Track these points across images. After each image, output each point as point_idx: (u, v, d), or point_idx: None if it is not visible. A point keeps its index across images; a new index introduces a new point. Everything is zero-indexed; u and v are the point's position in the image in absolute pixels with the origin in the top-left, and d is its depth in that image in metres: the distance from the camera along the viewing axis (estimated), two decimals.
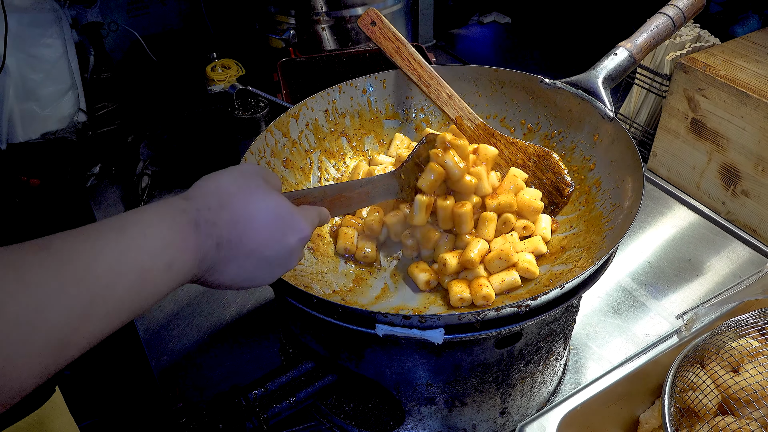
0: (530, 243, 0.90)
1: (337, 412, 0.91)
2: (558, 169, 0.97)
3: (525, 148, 1.00)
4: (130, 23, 1.80)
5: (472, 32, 2.24)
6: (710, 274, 1.23)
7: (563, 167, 0.97)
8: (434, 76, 1.05)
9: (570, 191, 0.95)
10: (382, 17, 1.07)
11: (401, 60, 1.06)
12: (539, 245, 0.89)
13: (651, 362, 0.86)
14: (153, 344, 1.10)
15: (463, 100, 1.05)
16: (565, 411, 0.79)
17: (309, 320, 0.81)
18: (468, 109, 1.05)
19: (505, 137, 1.02)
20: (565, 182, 0.96)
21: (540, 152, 0.99)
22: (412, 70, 1.06)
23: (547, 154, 0.98)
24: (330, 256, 0.97)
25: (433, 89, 1.05)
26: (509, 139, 1.02)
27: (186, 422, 0.77)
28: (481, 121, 1.04)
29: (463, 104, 1.05)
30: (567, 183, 0.96)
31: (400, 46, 1.06)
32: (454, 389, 0.82)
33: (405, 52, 1.06)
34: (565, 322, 0.87)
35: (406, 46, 1.06)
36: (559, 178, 0.96)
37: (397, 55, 1.06)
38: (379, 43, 1.07)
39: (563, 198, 0.96)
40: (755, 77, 1.23)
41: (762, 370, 0.78)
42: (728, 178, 1.30)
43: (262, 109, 1.33)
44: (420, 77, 1.05)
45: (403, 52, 1.06)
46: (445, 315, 0.68)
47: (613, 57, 0.99)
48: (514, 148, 1.01)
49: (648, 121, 1.53)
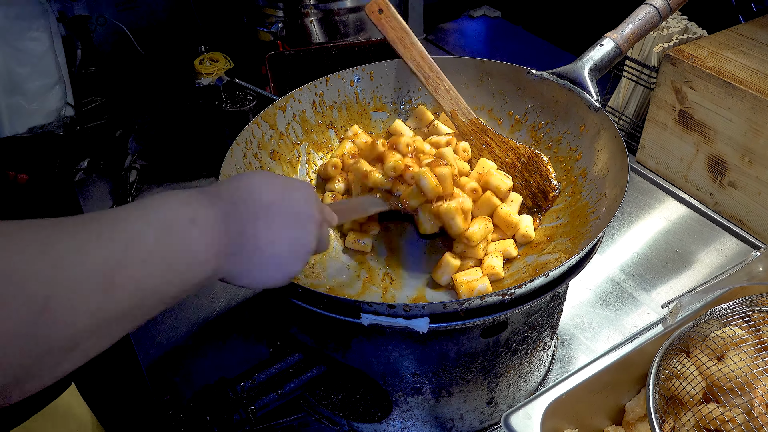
0: (501, 244, 0.91)
1: (325, 404, 0.91)
2: (546, 173, 0.98)
3: (516, 148, 1.01)
4: (118, 17, 1.79)
5: (462, 26, 2.24)
6: (698, 266, 1.24)
7: (551, 171, 0.98)
8: (434, 68, 1.06)
9: (555, 195, 0.96)
10: (389, 5, 1.07)
11: (404, 49, 1.06)
12: (509, 248, 0.90)
13: (636, 351, 0.86)
14: (141, 337, 1.10)
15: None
16: (551, 399, 0.79)
17: (295, 311, 0.81)
18: (464, 103, 1.05)
19: (498, 135, 1.02)
20: (551, 186, 0.96)
21: (530, 154, 0.99)
22: (413, 60, 1.06)
23: (536, 156, 0.99)
24: None
25: (432, 81, 1.05)
26: (501, 138, 1.02)
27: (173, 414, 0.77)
28: (475, 117, 1.04)
29: (459, 98, 1.05)
30: (553, 187, 0.96)
31: (403, 35, 1.06)
32: (440, 379, 0.82)
33: (408, 42, 1.06)
34: (552, 311, 0.87)
35: (409, 35, 1.06)
36: (546, 182, 0.97)
37: (400, 44, 1.06)
38: (383, 30, 1.07)
39: (547, 201, 0.96)
40: (742, 69, 1.24)
41: (746, 357, 0.78)
42: (715, 169, 1.31)
43: (250, 102, 1.32)
44: (420, 68, 1.06)
45: (406, 42, 1.06)
46: (429, 304, 0.68)
47: (599, 48, 0.99)
48: (505, 147, 1.01)
49: (636, 113, 1.53)
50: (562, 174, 0.99)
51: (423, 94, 1.13)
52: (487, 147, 1.03)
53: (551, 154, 1.02)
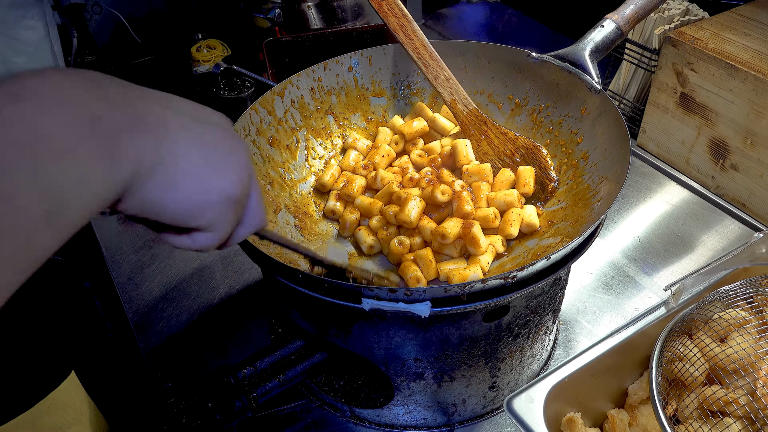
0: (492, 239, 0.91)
1: (327, 390, 0.91)
2: (545, 165, 0.97)
3: (515, 139, 1.00)
4: (113, 5, 1.77)
5: (461, 11, 2.22)
6: (700, 249, 1.23)
7: (550, 163, 0.97)
8: (435, 57, 1.04)
9: (554, 187, 0.95)
10: None
11: (404, 37, 1.05)
12: (498, 245, 0.91)
13: (639, 334, 0.86)
14: (142, 326, 1.10)
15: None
16: (553, 383, 0.79)
17: (296, 297, 0.81)
18: (464, 93, 1.04)
19: (497, 126, 1.01)
20: (549, 178, 0.96)
21: (529, 145, 0.99)
22: (414, 48, 1.05)
23: (536, 148, 0.98)
24: (318, 235, 0.97)
25: (432, 69, 1.04)
26: (500, 129, 1.01)
27: (175, 402, 0.76)
28: (474, 107, 1.03)
29: (459, 88, 1.04)
30: (551, 179, 0.95)
31: (405, 23, 1.05)
32: (442, 364, 0.82)
33: (409, 30, 1.05)
34: (554, 295, 0.87)
35: (411, 23, 1.05)
36: (545, 174, 0.96)
37: (401, 31, 1.05)
38: (385, 17, 1.06)
39: (546, 194, 0.95)
40: (744, 50, 1.22)
41: (749, 338, 0.78)
42: (717, 152, 1.30)
43: (248, 88, 1.32)
44: (420, 56, 1.04)
45: (407, 30, 1.05)
46: (431, 288, 0.67)
47: (600, 29, 0.98)
48: (504, 138, 1.00)
49: (637, 96, 1.52)
50: (564, 157, 0.98)
51: (422, 79, 1.12)
52: (486, 138, 1.02)
53: (552, 137, 1.01)
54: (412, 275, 0.86)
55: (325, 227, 0.99)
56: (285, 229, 0.92)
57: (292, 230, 0.93)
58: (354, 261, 0.94)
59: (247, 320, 1.11)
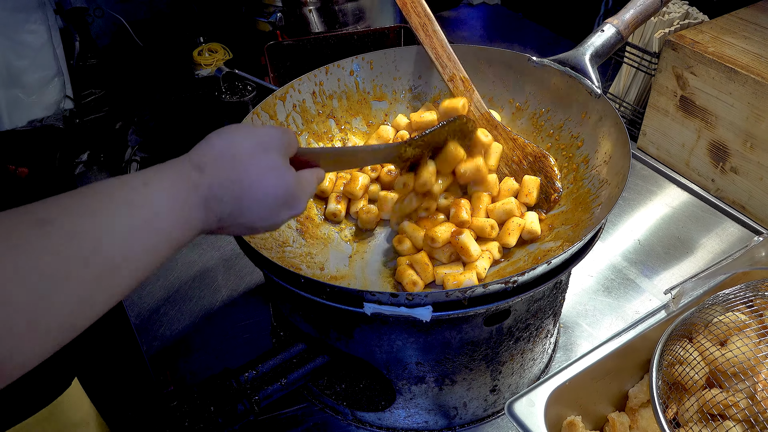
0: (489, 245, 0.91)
1: (328, 393, 0.91)
2: (551, 174, 0.97)
3: (524, 146, 1.00)
4: (115, 8, 1.77)
5: (461, 14, 2.22)
6: (700, 252, 1.23)
7: (556, 173, 0.97)
8: (452, 58, 1.05)
9: (557, 198, 0.95)
10: None
11: (425, 36, 1.05)
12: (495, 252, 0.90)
13: (639, 337, 0.86)
14: (144, 329, 1.10)
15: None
16: (554, 386, 0.79)
17: (298, 301, 0.81)
18: (477, 96, 1.04)
19: (507, 132, 1.01)
20: (554, 188, 0.96)
21: (537, 153, 0.99)
22: (433, 48, 1.05)
23: (544, 156, 0.98)
24: (319, 238, 0.97)
25: (448, 70, 1.05)
26: (510, 134, 1.01)
27: (177, 405, 0.77)
28: (487, 111, 1.03)
29: (474, 91, 1.04)
30: (556, 189, 0.96)
31: (426, 22, 1.06)
32: (443, 367, 0.82)
33: (430, 30, 1.06)
34: (554, 299, 0.87)
35: (432, 23, 1.06)
36: (550, 183, 0.96)
37: (422, 30, 1.05)
38: (407, 16, 1.06)
39: (549, 203, 0.96)
40: (743, 53, 1.23)
41: (749, 342, 0.78)
42: (717, 155, 1.30)
43: (249, 92, 1.32)
44: (438, 56, 1.05)
45: (428, 29, 1.06)
46: (432, 292, 0.68)
47: (600, 34, 0.98)
48: (513, 144, 1.01)
49: (637, 99, 1.53)
50: (564, 161, 0.98)
51: (422, 83, 1.12)
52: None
53: (553, 141, 1.01)
54: (408, 280, 0.86)
55: (327, 231, 0.99)
56: (287, 232, 0.92)
57: (294, 234, 0.93)
58: (354, 262, 0.94)
59: (249, 323, 1.11)
